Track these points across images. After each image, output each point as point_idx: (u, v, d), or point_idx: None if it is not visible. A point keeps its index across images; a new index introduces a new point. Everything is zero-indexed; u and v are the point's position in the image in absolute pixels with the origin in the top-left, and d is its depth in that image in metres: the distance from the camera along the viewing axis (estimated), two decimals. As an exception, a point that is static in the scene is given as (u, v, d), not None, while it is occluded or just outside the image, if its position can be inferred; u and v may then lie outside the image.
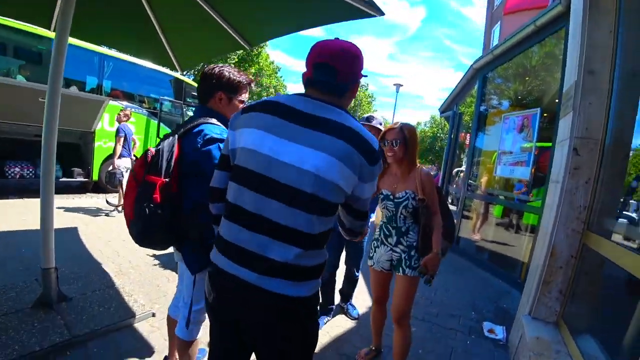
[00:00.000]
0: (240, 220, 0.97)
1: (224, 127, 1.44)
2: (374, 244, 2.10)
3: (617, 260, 1.81)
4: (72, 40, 2.60)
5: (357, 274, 2.88)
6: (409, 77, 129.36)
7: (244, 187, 0.96)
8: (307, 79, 1.03)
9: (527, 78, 5.31)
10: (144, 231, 1.37)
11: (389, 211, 1.96)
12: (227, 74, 1.54)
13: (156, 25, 3.02)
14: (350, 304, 2.99)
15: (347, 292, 2.97)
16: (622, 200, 2.15)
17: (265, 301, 0.93)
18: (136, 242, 1.42)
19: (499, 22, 15.88)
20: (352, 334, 2.65)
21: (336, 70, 0.98)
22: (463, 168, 7.37)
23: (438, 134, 40.38)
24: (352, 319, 2.87)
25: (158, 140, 7.77)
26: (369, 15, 2.24)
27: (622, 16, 2.10)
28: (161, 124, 8.00)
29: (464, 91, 6.82)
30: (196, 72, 23.08)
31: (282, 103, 1.00)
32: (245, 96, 1.60)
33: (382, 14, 2.16)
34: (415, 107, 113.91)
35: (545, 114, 4.37)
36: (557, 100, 3.99)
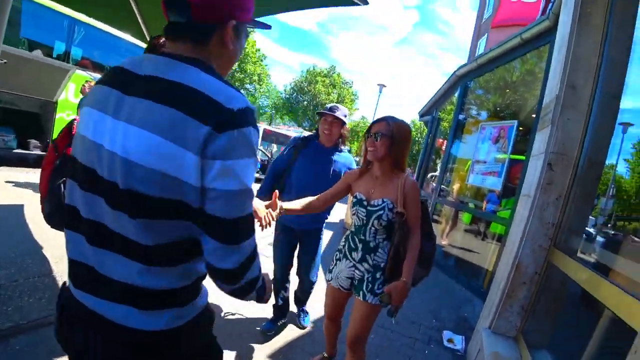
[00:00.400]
0: (80, 227, 0.74)
1: None
2: (336, 255, 1.80)
3: (575, 276, 1.79)
4: (42, 1, 2.31)
5: (312, 279, 2.54)
6: (393, 79, 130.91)
7: (74, 183, 0.75)
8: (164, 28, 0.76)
9: (507, 90, 5.37)
10: (58, 211, 1.11)
11: (359, 219, 1.65)
12: None
13: None
14: (302, 309, 2.74)
15: (301, 297, 2.69)
16: (590, 219, 2.13)
17: (114, 336, 0.71)
18: (47, 222, 1.18)
19: (486, 35, 16.19)
20: (304, 339, 2.53)
21: (188, 4, 0.69)
22: (437, 173, 7.45)
23: (417, 138, 41.13)
24: (301, 328, 2.64)
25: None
26: (353, 4, 2.11)
27: (609, 33, 2.06)
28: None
29: (444, 97, 6.84)
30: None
31: (124, 68, 0.73)
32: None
33: (366, 3, 2.04)
34: (397, 109, 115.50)
35: (521, 128, 4.40)
36: (534, 115, 4.03)
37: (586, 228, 2.14)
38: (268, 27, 0.89)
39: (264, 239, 4.75)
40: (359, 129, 37.31)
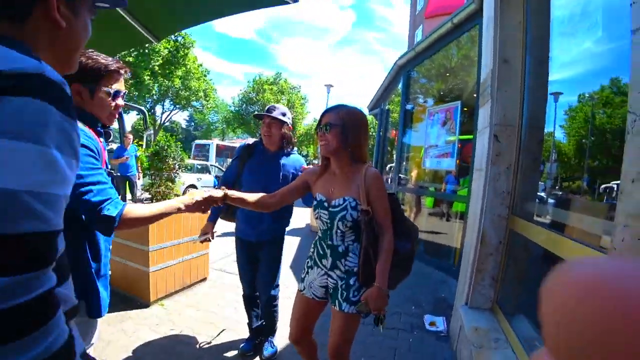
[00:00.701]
0: None
1: (88, 130, 1.11)
2: (307, 262, 1.65)
3: (536, 239, 1.87)
4: None
5: (274, 303, 2.29)
6: (340, 79, 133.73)
7: None
8: None
9: (447, 75, 5.62)
10: None
11: (323, 223, 1.50)
12: (82, 59, 1.18)
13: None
14: (269, 340, 2.38)
15: (264, 326, 2.37)
16: (540, 184, 2.25)
17: None
18: None
19: (421, 26, 17.03)
20: (286, 355, 2.42)
21: None
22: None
23: (371, 133, 42.19)
24: None
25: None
26: (283, 2, 2.05)
27: (529, 12, 2.20)
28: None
29: (389, 88, 7.04)
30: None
31: None
32: (116, 86, 1.22)
33: (296, 0, 1.99)
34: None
35: (465, 109, 4.62)
36: (475, 95, 4.24)
37: (538, 193, 2.25)
38: (124, 3, 0.78)
39: (229, 257, 4.57)
40: (313, 132, 37.37)
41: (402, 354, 2.45)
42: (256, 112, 2.12)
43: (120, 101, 1.24)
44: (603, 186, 1.80)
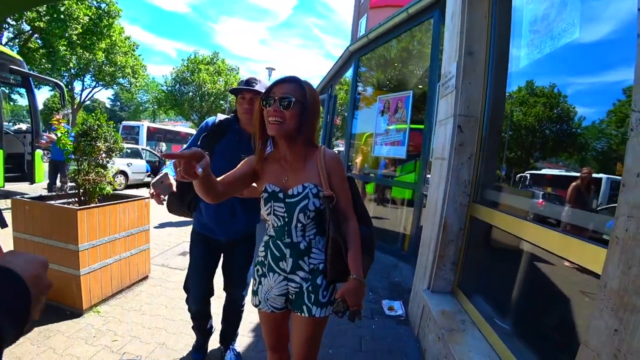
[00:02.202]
0: None
1: None
2: (257, 270, 1.39)
3: (498, 224, 1.97)
4: None
5: (242, 303, 2.07)
6: (280, 63, 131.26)
7: None
8: None
9: (398, 64, 5.73)
10: None
11: (278, 218, 1.27)
12: None
13: None
14: (232, 348, 2.15)
15: (227, 330, 2.13)
16: (499, 171, 2.36)
17: None
18: None
19: (365, 15, 17.23)
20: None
21: None
22: (342, 149, 7.71)
23: (315, 120, 42.32)
24: None
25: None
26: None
27: (494, 3, 2.25)
28: (-43, 109, 5.70)
29: (339, 74, 7.00)
30: (17, 40, 17.86)
31: None
32: None
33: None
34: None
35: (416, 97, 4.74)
36: (421, 86, 4.35)
37: (498, 180, 2.36)
38: None
39: (171, 250, 4.20)
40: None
41: (368, 341, 2.46)
42: (231, 87, 1.81)
43: None
44: (549, 173, 1.96)
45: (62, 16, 16.59)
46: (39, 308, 0.48)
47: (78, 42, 18.41)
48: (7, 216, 2.65)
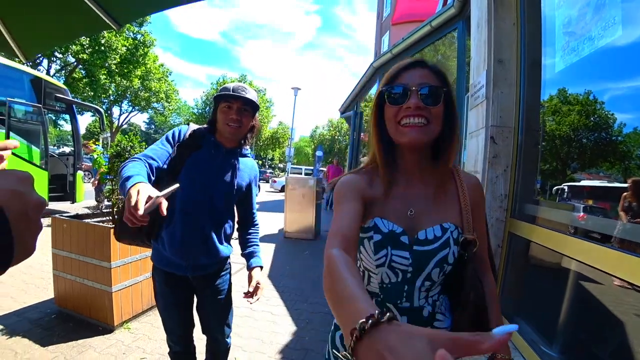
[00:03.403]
0: None
1: None
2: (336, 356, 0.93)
3: (539, 240, 1.83)
4: None
5: (227, 340, 1.73)
6: (305, 83, 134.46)
7: None
8: None
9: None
10: None
11: (395, 274, 0.86)
12: None
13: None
14: None
15: None
16: (539, 185, 2.21)
17: None
18: None
19: (387, 32, 17.39)
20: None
21: None
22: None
23: (336, 137, 42.65)
24: None
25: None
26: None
27: (522, 10, 2.18)
28: (12, 135, 6.20)
29: (364, 90, 7.02)
30: (64, 71, 19.46)
31: None
32: None
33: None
34: (313, 111, 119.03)
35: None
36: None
37: (537, 194, 2.21)
38: None
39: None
40: (279, 135, 37.21)
41: None
42: (217, 93, 1.51)
43: None
44: (588, 184, 1.82)
45: (102, 48, 17.98)
46: (31, 231, 0.37)
47: (116, 70, 19.80)
48: (46, 233, 2.80)
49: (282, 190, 14.65)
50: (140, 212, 1.00)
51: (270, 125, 37.48)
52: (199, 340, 1.71)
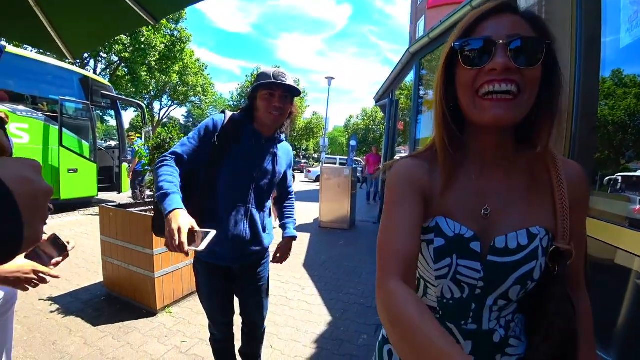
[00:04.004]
0: None
1: None
2: None
3: (591, 232, 1.66)
4: None
5: (262, 332, 1.81)
6: (338, 73, 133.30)
7: None
8: None
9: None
10: None
11: (460, 288, 0.67)
12: None
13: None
14: None
15: (251, 351, 1.86)
16: (596, 176, 2.02)
17: None
18: None
19: (423, 16, 16.71)
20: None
21: None
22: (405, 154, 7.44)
23: (370, 126, 42.00)
24: None
25: (62, 149, 6.57)
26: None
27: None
28: (64, 130, 6.69)
29: (400, 77, 6.78)
30: (109, 70, 20.62)
31: None
32: None
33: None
34: (347, 101, 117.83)
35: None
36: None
37: (593, 184, 2.03)
38: None
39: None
40: (313, 125, 37.25)
41: None
42: (257, 81, 1.45)
43: None
44: None
45: (142, 46, 18.83)
46: (39, 217, 0.37)
47: (156, 67, 20.71)
48: (95, 221, 2.97)
49: (317, 180, 14.74)
50: (185, 249, 1.09)
51: (305, 116, 37.69)
52: (236, 326, 1.75)
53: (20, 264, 0.92)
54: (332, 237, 5.82)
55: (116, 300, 2.90)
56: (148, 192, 3.31)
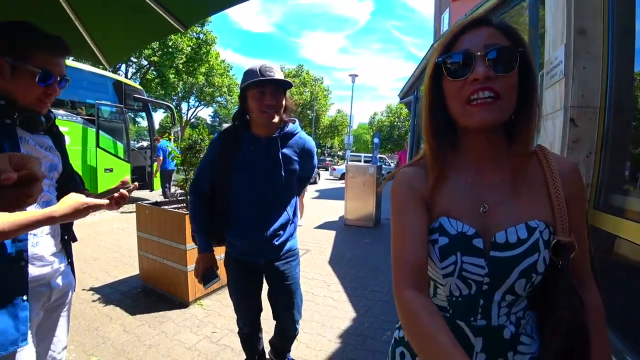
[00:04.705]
0: None
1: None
2: None
3: (627, 235, 1.61)
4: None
5: (296, 327, 1.76)
6: (362, 69, 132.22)
7: None
8: None
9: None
10: None
11: (467, 285, 0.70)
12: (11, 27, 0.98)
13: (68, 10, 2.41)
14: (288, 358, 1.98)
15: (281, 346, 1.91)
16: (628, 172, 1.95)
17: None
18: None
19: (447, 9, 16.27)
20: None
21: None
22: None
23: (395, 123, 41.40)
24: None
25: (99, 150, 6.95)
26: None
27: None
28: (100, 132, 7.09)
29: (425, 73, 6.70)
30: (139, 73, 21.52)
31: None
32: (49, 67, 1.01)
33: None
34: (371, 98, 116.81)
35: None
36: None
37: (625, 182, 1.95)
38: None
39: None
40: (337, 123, 37.21)
41: None
42: (244, 81, 1.44)
43: (54, 87, 1.04)
44: None
45: (170, 49, 19.57)
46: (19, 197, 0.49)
47: (183, 69, 21.44)
48: (131, 218, 3.16)
49: (342, 178, 14.76)
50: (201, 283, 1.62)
51: (329, 114, 37.74)
52: (264, 319, 1.82)
53: (68, 201, 0.99)
54: (358, 235, 5.85)
55: (151, 292, 3.08)
56: (180, 190, 3.47)
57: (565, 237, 0.65)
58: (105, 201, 1.07)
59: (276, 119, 1.45)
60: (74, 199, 0.99)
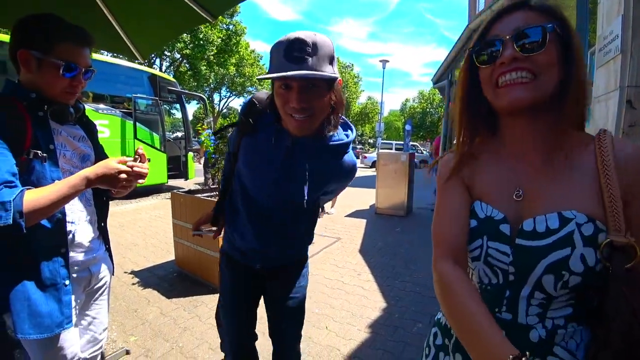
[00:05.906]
0: None
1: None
2: None
3: None
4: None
5: (298, 350, 1.42)
6: (392, 55, 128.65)
7: None
8: None
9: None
10: None
11: (494, 273, 0.68)
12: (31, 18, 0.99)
13: (102, 6, 2.49)
14: None
15: None
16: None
17: None
18: None
19: (484, -13, 15.31)
20: None
21: None
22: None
23: (427, 109, 40.14)
24: None
25: (136, 142, 7.28)
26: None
27: None
28: (138, 124, 7.42)
29: (459, 56, 6.36)
30: (172, 67, 22.23)
31: None
32: (72, 58, 1.02)
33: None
34: (403, 84, 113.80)
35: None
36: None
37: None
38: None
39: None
40: (368, 110, 36.65)
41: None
42: (259, 75, 1.12)
43: (79, 79, 1.05)
44: None
45: (201, 42, 19.99)
46: None
47: (214, 61, 21.87)
48: (168, 205, 3.28)
49: (373, 166, 14.59)
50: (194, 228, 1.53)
51: (359, 101, 37.29)
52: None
53: (104, 162, 1.03)
54: (389, 223, 5.77)
55: (186, 277, 3.21)
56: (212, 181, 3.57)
57: (620, 238, 0.55)
58: (136, 166, 1.12)
59: (309, 125, 1.00)
60: (104, 160, 1.04)
